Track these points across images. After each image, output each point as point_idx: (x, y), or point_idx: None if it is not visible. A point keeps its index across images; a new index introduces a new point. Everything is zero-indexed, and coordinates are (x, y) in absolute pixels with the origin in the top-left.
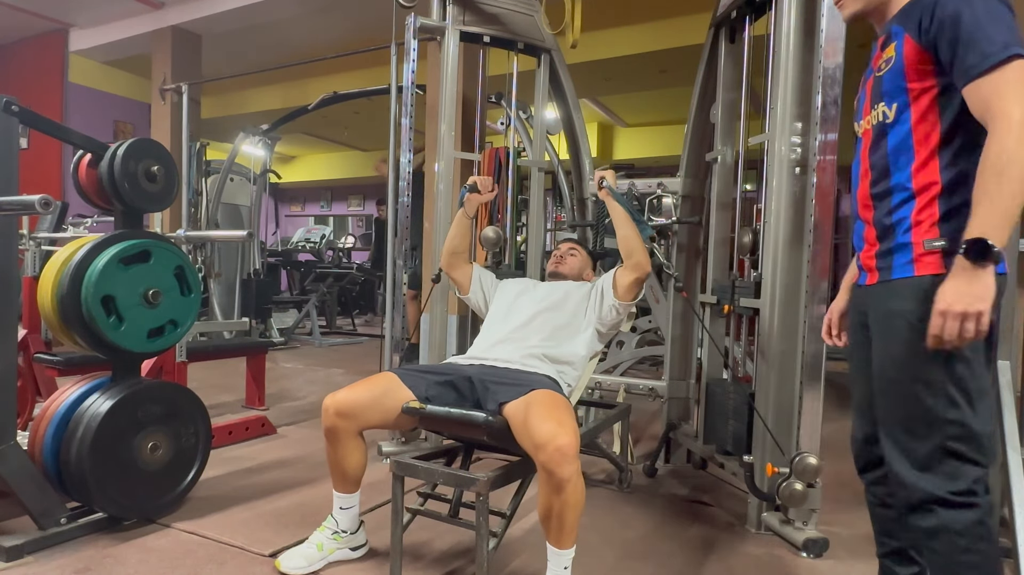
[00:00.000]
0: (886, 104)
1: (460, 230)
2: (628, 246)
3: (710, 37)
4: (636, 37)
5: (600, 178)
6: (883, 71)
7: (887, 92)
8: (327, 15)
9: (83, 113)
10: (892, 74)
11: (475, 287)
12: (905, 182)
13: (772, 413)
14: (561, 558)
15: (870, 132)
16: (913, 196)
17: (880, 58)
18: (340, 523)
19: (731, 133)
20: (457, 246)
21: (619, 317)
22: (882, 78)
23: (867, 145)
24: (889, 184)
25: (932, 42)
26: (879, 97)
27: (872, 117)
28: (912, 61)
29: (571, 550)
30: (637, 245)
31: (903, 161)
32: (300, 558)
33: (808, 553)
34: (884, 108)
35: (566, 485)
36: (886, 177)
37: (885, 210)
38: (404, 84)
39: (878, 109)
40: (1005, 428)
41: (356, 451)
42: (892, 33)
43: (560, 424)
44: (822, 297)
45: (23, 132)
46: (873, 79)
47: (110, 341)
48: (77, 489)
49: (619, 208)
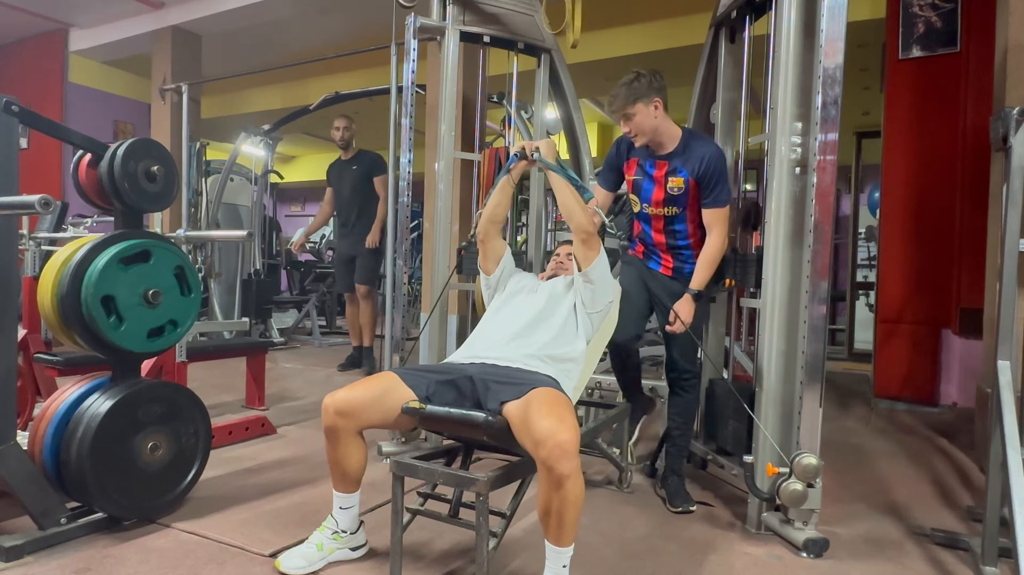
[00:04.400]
0: (677, 207)
1: (503, 197)
2: (567, 210)
3: (710, 37)
4: (636, 37)
5: (531, 149)
6: (675, 192)
7: (676, 202)
8: (327, 15)
9: (83, 113)
10: (681, 195)
11: (497, 272)
12: (684, 246)
13: (772, 413)
14: (560, 556)
15: (661, 218)
16: (684, 252)
17: (666, 177)
18: (340, 523)
19: (731, 133)
20: (497, 214)
21: (593, 289)
22: (675, 196)
23: (662, 223)
24: (676, 243)
25: (699, 180)
26: (672, 202)
27: (665, 210)
28: (693, 190)
29: (570, 548)
30: (576, 208)
31: (681, 237)
32: (300, 558)
33: (808, 553)
34: (675, 209)
35: (565, 481)
36: (674, 240)
37: (674, 254)
38: (404, 84)
39: (670, 208)
40: (1005, 428)
41: (356, 451)
42: (678, 169)
43: (560, 420)
44: (822, 297)
45: (23, 132)
46: (666, 193)
47: (110, 341)
48: (77, 489)
49: (556, 176)
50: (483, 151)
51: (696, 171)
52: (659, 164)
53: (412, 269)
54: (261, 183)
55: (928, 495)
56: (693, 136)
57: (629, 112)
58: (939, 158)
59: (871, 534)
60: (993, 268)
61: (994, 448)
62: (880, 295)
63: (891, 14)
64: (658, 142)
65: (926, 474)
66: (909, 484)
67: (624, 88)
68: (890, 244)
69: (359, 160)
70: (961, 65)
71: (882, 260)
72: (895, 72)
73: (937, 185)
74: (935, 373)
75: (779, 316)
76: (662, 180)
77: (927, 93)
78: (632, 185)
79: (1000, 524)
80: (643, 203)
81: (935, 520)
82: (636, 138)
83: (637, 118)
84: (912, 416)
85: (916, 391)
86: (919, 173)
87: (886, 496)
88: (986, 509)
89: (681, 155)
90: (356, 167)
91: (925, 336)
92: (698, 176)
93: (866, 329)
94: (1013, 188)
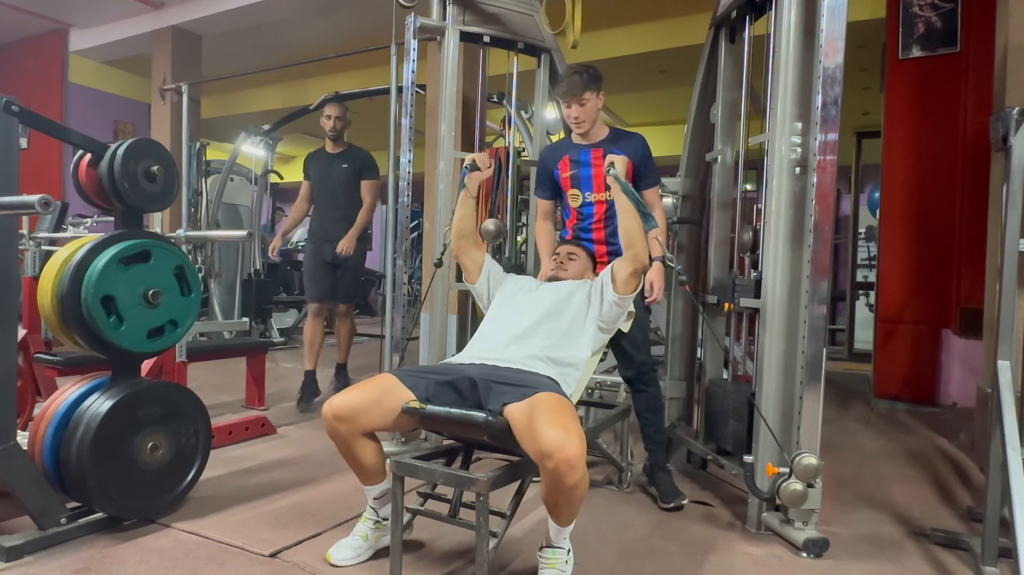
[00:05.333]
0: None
1: (466, 210)
2: (629, 237)
3: (710, 37)
4: (636, 37)
5: (609, 163)
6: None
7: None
8: (327, 15)
9: (83, 113)
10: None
11: (483, 278)
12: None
13: (772, 413)
14: (563, 531)
15: (604, 203)
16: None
17: (605, 162)
18: (379, 512)
19: (731, 133)
20: (465, 227)
21: (620, 311)
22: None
23: (603, 210)
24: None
25: (637, 163)
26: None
27: (607, 195)
28: (630, 174)
29: (572, 524)
30: (638, 237)
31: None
32: (348, 549)
33: (808, 553)
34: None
35: (573, 490)
36: (612, 225)
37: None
38: (404, 84)
39: (606, 194)
40: (1005, 428)
41: (367, 448)
42: (615, 152)
43: (567, 432)
44: (822, 297)
45: (23, 132)
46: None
47: (110, 341)
48: (77, 489)
49: (624, 198)
50: (483, 151)
51: (634, 153)
52: (594, 151)
53: (412, 269)
54: (261, 183)
55: (928, 495)
56: (617, 131)
57: (584, 98)
58: (939, 158)
59: (871, 534)
60: (993, 268)
61: (994, 448)
62: (880, 295)
63: (891, 14)
64: (592, 132)
65: (926, 474)
66: (909, 484)
67: (579, 77)
68: (890, 244)
69: (350, 157)
70: (961, 65)
71: (882, 260)
72: (895, 72)
73: (937, 185)
74: (935, 373)
75: (779, 316)
76: (601, 164)
77: (927, 93)
78: (570, 181)
79: (1000, 524)
80: (585, 192)
81: (935, 520)
82: (580, 124)
83: (588, 104)
84: (912, 416)
85: (916, 391)
86: (919, 173)
87: (886, 496)
88: (986, 509)
89: (614, 143)
90: (347, 165)
91: (925, 336)
92: (635, 158)
93: (866, 329)
94: (1013, 188)
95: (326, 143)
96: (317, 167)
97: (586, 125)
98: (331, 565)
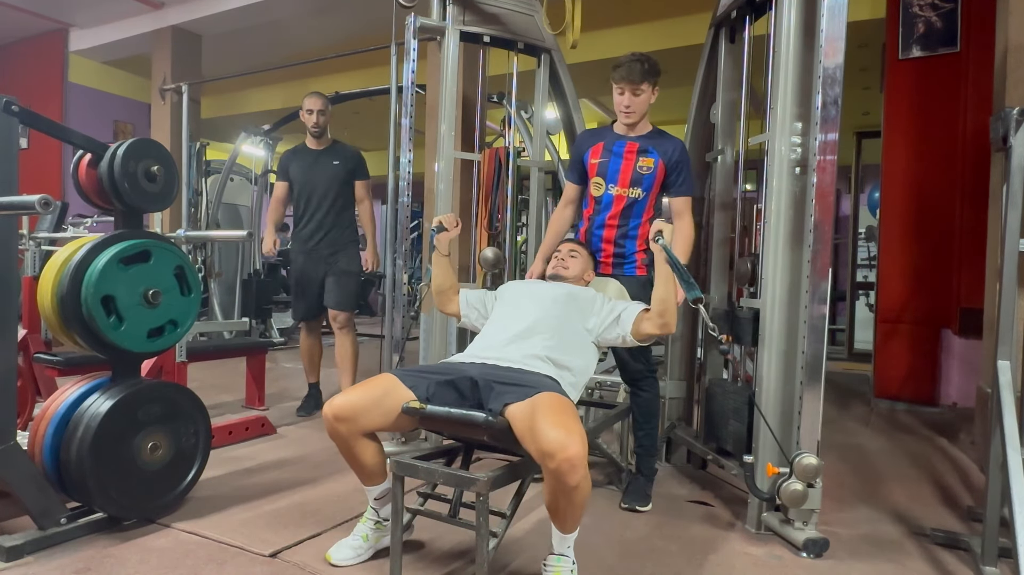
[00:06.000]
0: (641, 190)
1: (441, 270)
2: (663, 306)
3: (710, 37)
4: (636, 37)
5: (657, 231)
6: (644, 172)
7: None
8: (327, 15)
9: (83, 113)
10: (648, 176)
11: (466, 311)
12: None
13: (772, 413)
14: (566, 539)
15: (624, 199)
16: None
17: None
18: (379, 512)
19: (731, 133)
20: (442, 285)
21: (622, 345)
22: (643, 176)
23: (620, 208)
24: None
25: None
26: (637, 183)
27: (629, 191)
28: (659, 176)
29: (575, 532)
30: (672, 307)
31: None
32: (348, 550)
33: (808, 553)
34: (639, 192)
35: (575, 491)
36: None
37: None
38: (404, 84)
39: (635, 190)
40: (1005, 428)
41: (367, 449)
42: (649, 150)
43: (569, 432)
44: (822, 297)
45: (23, 132)
46: (634, 171)
47: (110, 341)
48: (77, 489)
49: (666, 268)
50: (483, 151)
51: (668, 156)
52: (630, 144)
53: (412, 269)
54: (261, 183)
55: (928, 495)
56: (660, 132)
57: (642, 88)
58: (939, 158)
59: (871, 534)
60: (993, 268)
61: (994, 448)
62: (880, 295)
63: (891, 14)
64: (639, 125)
65: (926, 474)
66: (909, 484)
67: (639, 65)
68: (890, 244)
69: (340, 155)
70: (961, 65)
71: (882, 260)
72: (895, 72)
73: (937, 185)
74: (935, 373)
75: (779, 316)
76: (632, 159)
77: (927, 93)
78: (597, 168)
79: (1000, 524)
80: (608, 184)
81: (935, 520)
82: (631, 114)
83: (642, 96)
84: (912, 416)
85: (916, 391)
86: (919, 173)
87: (886, 496)
88: (986, 509)
89: (652, 140)
90: (338, 162)
91: (925, 336)
92: (669, 162)
93: (866, 329)
94: (1013, 188)
95: (307, 139)
96: (300, 166)
97: (635, 116)
98: (331, 565)
